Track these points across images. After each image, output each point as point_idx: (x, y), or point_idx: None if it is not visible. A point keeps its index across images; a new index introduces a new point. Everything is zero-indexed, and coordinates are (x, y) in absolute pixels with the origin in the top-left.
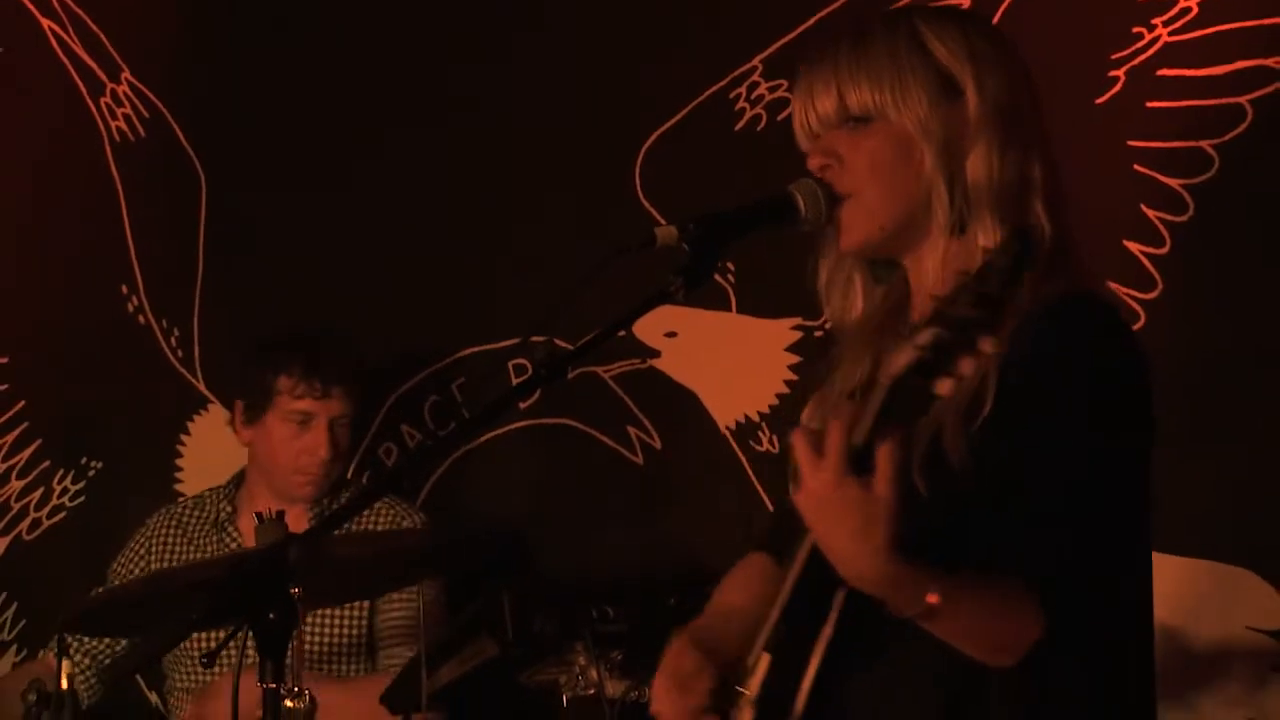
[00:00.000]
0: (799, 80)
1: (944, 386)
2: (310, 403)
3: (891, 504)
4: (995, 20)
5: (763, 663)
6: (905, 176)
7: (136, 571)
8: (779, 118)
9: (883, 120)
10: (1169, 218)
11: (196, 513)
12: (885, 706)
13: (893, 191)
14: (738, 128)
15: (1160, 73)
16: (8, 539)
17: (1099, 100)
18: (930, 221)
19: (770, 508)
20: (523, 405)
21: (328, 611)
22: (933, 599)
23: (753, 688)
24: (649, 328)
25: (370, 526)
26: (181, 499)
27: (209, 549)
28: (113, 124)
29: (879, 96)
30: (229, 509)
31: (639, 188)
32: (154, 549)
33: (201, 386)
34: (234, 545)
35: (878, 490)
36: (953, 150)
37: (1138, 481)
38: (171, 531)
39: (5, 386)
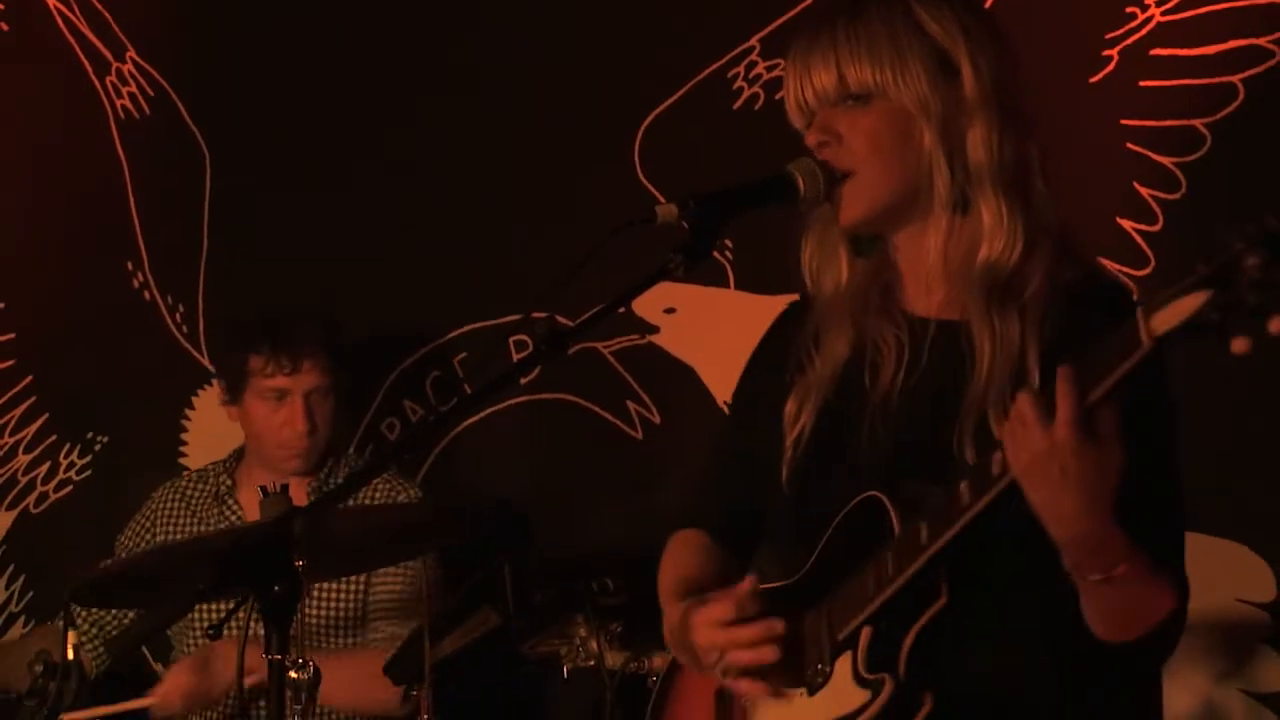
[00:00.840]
0: (792, 57)
1: (1241, 344)
2: (282, 379)
3: (1123, 466)
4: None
5: (864, 635)
6: (905, 154)
7: (142, 545)
8: (777, 96)
9: (883, 98)
10: (1161, 195)
11: (199, 485)
12: (998, 676)
13: (893, 169)
14: (736, 106)
15: (1153, 52)
16: (15, 512)
17: (1092, 79)
18: (930, 199)
19: None
20: (523, 380)
21: (325, 585)
22: (1123, 568)
23: (860, 660)
24: (648, 304)
25: (366, 502)
26: (186, 472)
27: (210, 521)
28: (118, 102)
29: (879, 75)
30: (229, 482)
31: (638, 166)
32: (159, 522)
33: (205, 362)
34: (234, 518)
35: (1113, 452)
36: (951, 128)
37: None
38: (176, 504)
39: (12, 362)
